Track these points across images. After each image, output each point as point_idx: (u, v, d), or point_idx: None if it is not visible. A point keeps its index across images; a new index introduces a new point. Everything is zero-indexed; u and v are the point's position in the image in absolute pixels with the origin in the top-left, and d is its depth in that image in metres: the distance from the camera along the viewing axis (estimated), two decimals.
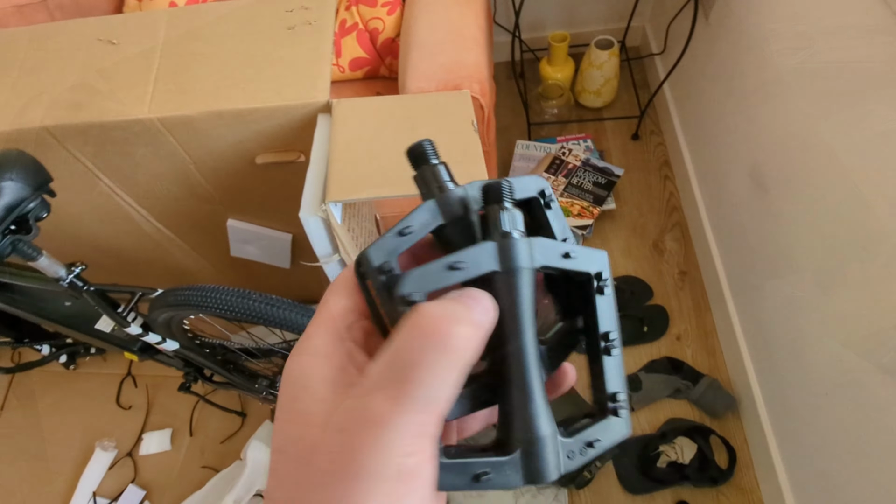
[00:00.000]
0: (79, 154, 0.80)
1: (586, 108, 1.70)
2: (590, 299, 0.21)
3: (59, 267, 0.74)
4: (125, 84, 0.76)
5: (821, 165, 0.90)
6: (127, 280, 1.22)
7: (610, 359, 0.21)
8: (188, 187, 0.90)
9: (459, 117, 0.72)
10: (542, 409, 0.19)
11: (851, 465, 0.88)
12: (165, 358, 0.99)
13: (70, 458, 1.27)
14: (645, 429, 1.21)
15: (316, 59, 0.77)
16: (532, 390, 0.19)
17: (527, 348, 0.19)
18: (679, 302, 1.36)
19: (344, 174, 0.66)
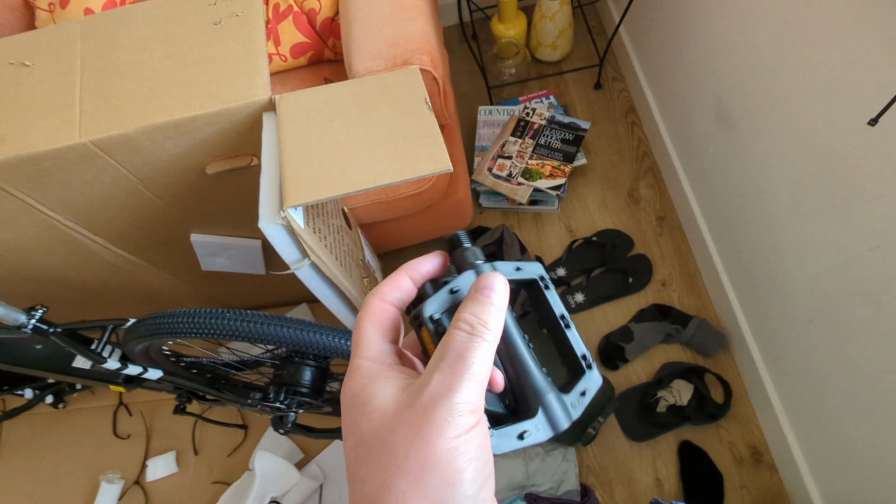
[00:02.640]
0: (14, 191, 0.75)
1: (545, 63, 1.65)
2: (541, 296, 0.30)
3: (17, 314, 0.70)
4: (48, 109, 0.71)
5: (785, 93, 0.88)
6: (101, 311, 1.18)
7: (570, 331, 0.29)
8: (141, 208, 0.85)
9: (411, 96, 0.69)
10: (543, 381, 0.26)
11: (840, 384, 0.90)
12: (153, 384, 0.96)
13: (76, 497, 1.25)
14: (641, 377, 1.23)
15: (249, 53, 0.71)
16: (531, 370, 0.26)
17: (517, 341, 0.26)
18: (660, 248, 1.36)
19: (299, 175, 0.62)
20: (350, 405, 0.23)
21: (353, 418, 0.23)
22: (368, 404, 0.23)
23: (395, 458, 0.21)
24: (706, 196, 1.26)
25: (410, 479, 0.20)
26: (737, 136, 1.05)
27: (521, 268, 0.29)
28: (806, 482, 1.02)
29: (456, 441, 0.20)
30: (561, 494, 1.09)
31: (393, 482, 0.20)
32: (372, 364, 0.24)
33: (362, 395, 0.23)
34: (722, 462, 1.13)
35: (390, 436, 0.21)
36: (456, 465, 0.20)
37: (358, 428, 0.22)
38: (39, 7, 1.17)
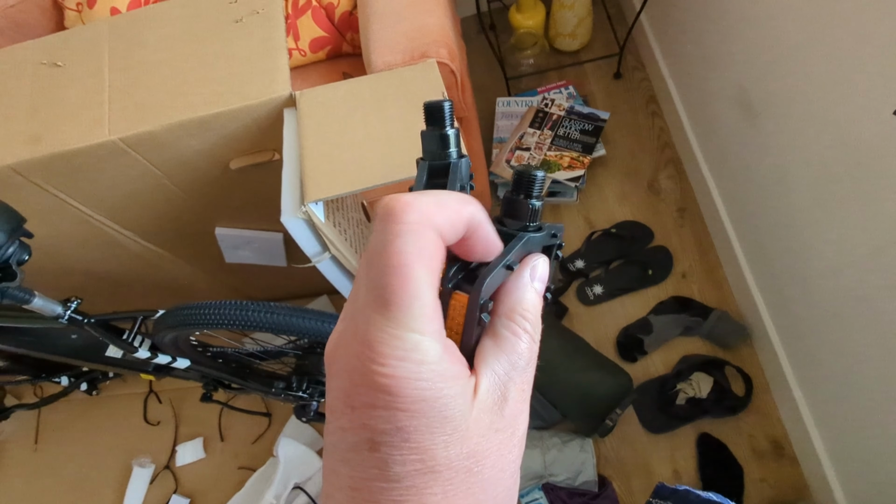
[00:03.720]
0: (49, 187, 0.78)
1: (563, 53, 1.63)
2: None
3: (54, 305, 0.73)
4: (79, 107, 0.73)
5: (809, 82, 0.86)
6: (129, 303, 1.22)
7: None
8: (168, 202, 0.88)
9: (429, 91, 0.69)
10: None
11: (865, 378, 0.89)
12: (181, 372, 1.00)
13: (111, 480, 1.31)
14: (660, 370, 1.22)
15: (270, 50, 0.73)
16: None
17: None
18: (681, 240, 1.35)
19: (320, 170, 0.64)
20: (417, 412, 0.16)
21: (418, 433, 0.16)
22: (448, 422, 0.17)
23: (478, 496, 0.17)
24: (728, 187, 1.23)
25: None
26: (759, 125, 1.03)
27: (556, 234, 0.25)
28: (828, 476, 1.01)
29: (518, 467, 0.19)
30: (578, 485, 1.10)
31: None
32: (442, 357, 0.17)
33: (438, 404, 0.17)
34: (742, 455, 1.12)
35: (476, 467, 0.17)
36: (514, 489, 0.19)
37: (427, 450, 0.16)
38: (68, 7, 1.21)
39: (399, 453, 0.16)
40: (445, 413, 0.17)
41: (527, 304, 0.20)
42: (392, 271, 0.16)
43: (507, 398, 0.18)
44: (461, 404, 0.17)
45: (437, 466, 0.16)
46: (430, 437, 0.16)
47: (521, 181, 0.21)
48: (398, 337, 0.16)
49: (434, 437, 0.16)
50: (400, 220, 0.17)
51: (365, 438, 0.17)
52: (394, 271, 0.16)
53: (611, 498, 1.11)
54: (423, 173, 0.22)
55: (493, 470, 0.17)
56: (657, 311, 1.25)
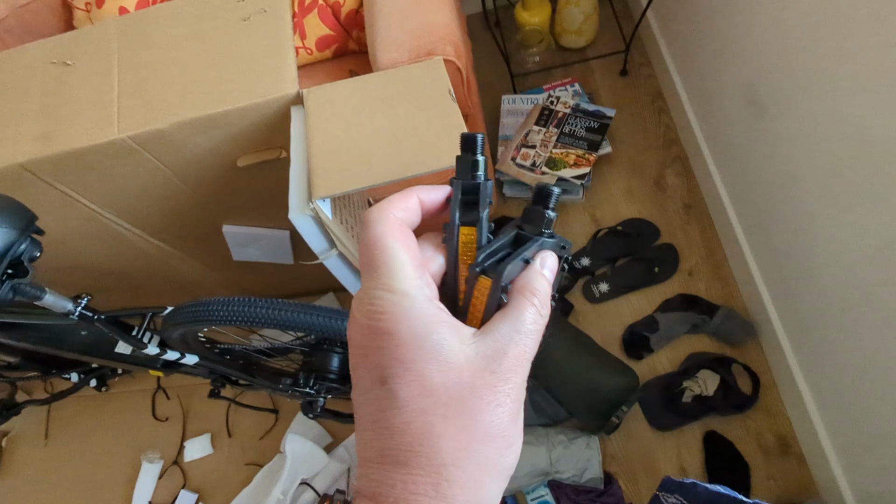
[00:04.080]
0: (59, 185, 0.79)
1: (569, 51, 1.63)
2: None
3: (65, 301, 0.74)
4: (89, 106, 0.74)
5: (818, 76, 0.86)
6: (138, 299, 1.23)
7: None
8: (176, 200, 0.89)
9: (435, 88, 0.69)
10: None
11: (874, 376, 0.88)
12: (189, 369, 1.00)
13: (120, 475, 1.32)
14: (667, 367, 1.22)
15: (277, 48, 0.73)
16: None
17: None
18: (687, 237, 1.34)
19: (327, 168, 0.64)
20: (412, 346, 0.21)
21: (416, 362, 0.21)
22: (440, 353, 0.21)
23: (475, 423, 0.20)
24: (735, 183, 1.23)
25: (492, 447, 0.21)
26: (767, 121, 1.02)
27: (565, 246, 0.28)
28: (836, 474, 1.00)
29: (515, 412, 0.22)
30: (584, 482, 1.10)
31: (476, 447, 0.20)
32: (427, 301, 0.22)
33: (431, 340, 0.21)
34: (748, 453, 1.12)
35: (470, 398, 0.21)
36: (512, 432, 0.22)
37: (424, 376, 0.20)
38: (77, 7, 1.22)
39: (402, 381, 0.20)
40: (437, 346, 0.21)
41: (535, 284, 0.24)
42: (372, 247, 0.22)
43: (506, 353, 0.22)
44: (452, 341, 0.21)
45: (435, 390, 0.20)
46: (424, 365, 0.21)
47: (540, 194, 0.26)
48: (388, 290, 0.21)
49: (428, 364, 0.21)
50: (368, 218, 0.23)
51: (377, 376, 0.21)
52: (373, 246, 0.22)
53: (616, 495, 1.11)
54: (457, 191, 0.26)
55: (486, 404, 0.21)
56: (663, 308, 1.25)
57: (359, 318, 0.22)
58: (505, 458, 0.21)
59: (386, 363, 0.21)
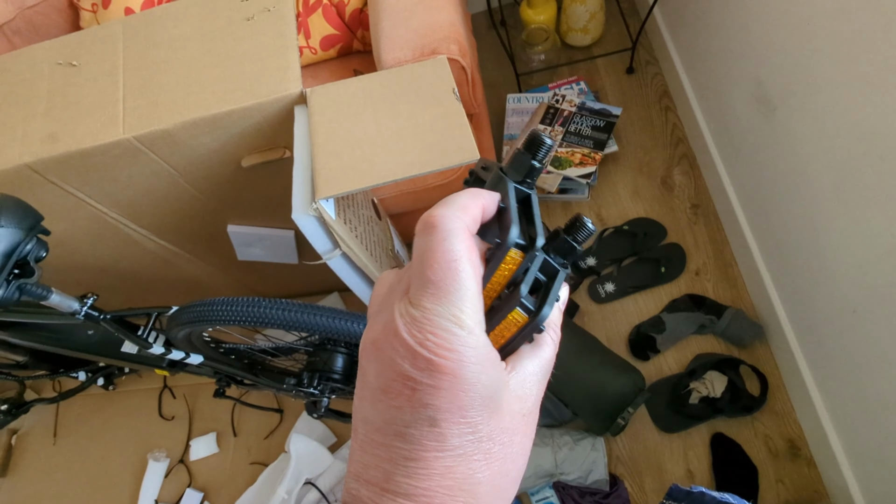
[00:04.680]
0: (66, 185, 0.79)
1: (575, 49, 1.62)
2: None
3: (71, 301, 0.75)
4: (95, 106, 0.74)
5: (828, 74, 0.84)
6: (144, 299, 1.24)
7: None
8: (181, 200, 0.89)
9: (440, 87, 0.69)
10: None
11: (885, 378, 0.87)
12: (195, 368, 1.01)
13: (127, 473, 1.33)
14: (673, 368, 1.21)
15: (281, 48, 0.73)
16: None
17: None
18: (694, 236, 1.33)
19: (330, 167, 0.64)
20: (474, 393, 0.20)
21: (473, 410, 0.20)
22: (497, 403, 0.21)
23: (508, 468, 0.21)
24: (744, 182, 1.21)
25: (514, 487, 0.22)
26: (777, 119, 1.01)
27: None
28: (846, 478, 0.99)
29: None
30: (589, 483, 1.10)
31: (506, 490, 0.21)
32: (489, 343, 0.21)
33: (492, 389, 0.21)
34: (757, 455, 1.11)
35: (510, 444, 0.21)
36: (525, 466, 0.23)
37: (477, 423, 0.20)
38: (83, 7, 1.22)
39: (457, 427, 0.20)
40: (490, 393, 0.20)
41: (556, 320, 0.24)
42: (444, 265, 0.20)
43: (532, 394, 0.22)
44: (500, 387, 0.21)
45: (483, 437, 0.20)
46: (479, 413, 0.20)
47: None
48: (458, 323, 0.20)
49: (482, 413, 0.20)
50: (443, 227, 0.21)
51: (426, 416, 0.20)
52: (446, 265, 0.20)
53: (622, 497, 1.10)
54: (512, 193, 0.24)
55: (519, 446, 0.21)
56: (670, 308, 1.24)
57: (412, 343, 0.19)
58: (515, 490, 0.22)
59: (442, 405, 0.19)
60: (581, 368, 1.12)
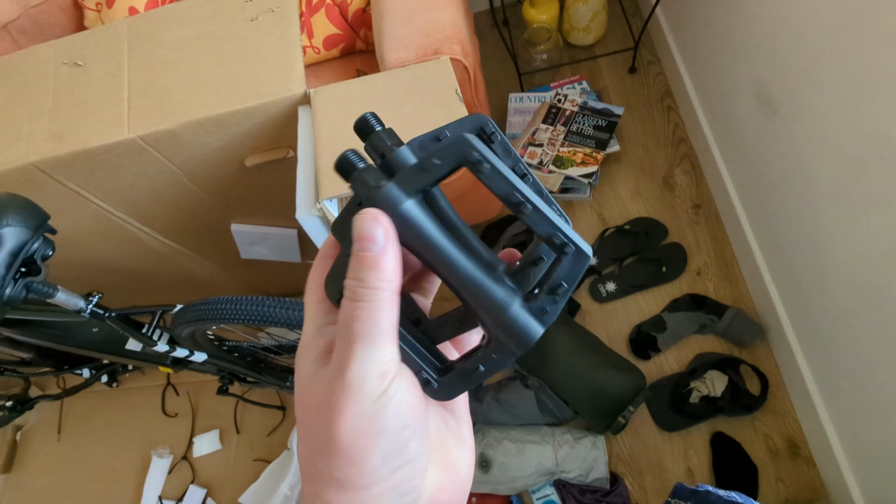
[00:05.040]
0: (71, 184, 0.80)
1: (577, 48, 1.62)
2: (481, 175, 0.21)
3: (77, 299, 0.75)
4: (100, 106, 0.75)
5: (831, 75, 0.84)
6: (147, 297, 1.25)
7: (527, 212, 0.21)
8: (185, 199, 0.90)
9: (442, 88, 0.69)
10: (495, 293, 0.21)
11: (886, 379, 0.87)
12: (198, 366, 1.02)
13: (131, 469, 1.34)
14: (674, 368, 1.21)
15: (285, 48, 0.74)
16: (478, 284, 0.21)
17: (453, 257, 0.21)
18: (696, 236, 1.33)
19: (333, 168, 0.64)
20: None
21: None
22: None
23: (315, 444, 0.20)
24: (745, 183, 1.21)
25: (322, 459, 0.20)
26: (779, 120, 1.01)
27: (440, 137, 0.23)
28: (846, 477, 0.99)
29: (357, 419, 0.19)
30: (590, 482, 1.10)
31: (312, 465, 0.21)
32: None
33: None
34: (757, 454, 1.11)
35: (312, 422, 0.21)
36: (359, 444, 0.19)
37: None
38: (87, 7, 1.23)
39: None
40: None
41: (349, 271, 0.22)
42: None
43: (328, 365, 0.22)
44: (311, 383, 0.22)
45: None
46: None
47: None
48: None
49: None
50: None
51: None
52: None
53: (622, 495, 1.11)
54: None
55: (320, 427, 0.21)
56: (671, 308, 1.24)
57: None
58: (350, 469, 0.21)
59: None
60: (582, 367, 1.12)
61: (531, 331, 0.20)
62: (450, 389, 0.22)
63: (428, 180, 0.21)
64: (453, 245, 0.21)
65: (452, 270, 0.21)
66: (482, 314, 0.21)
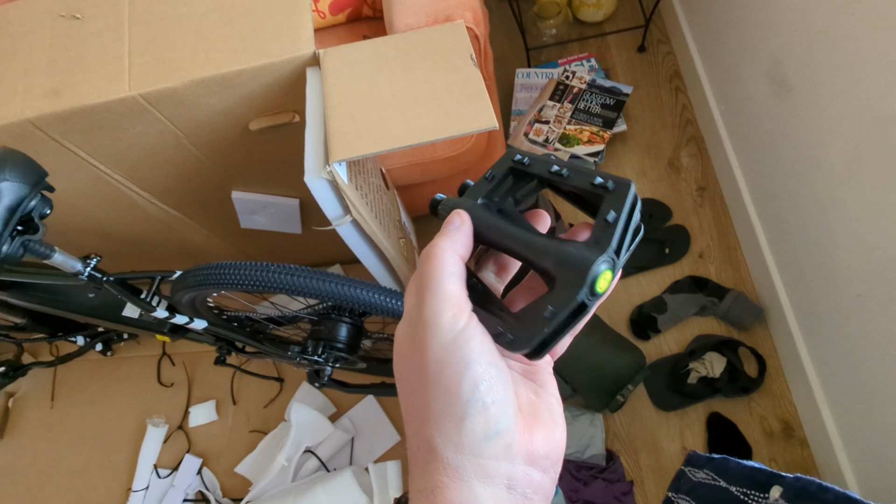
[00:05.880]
0: (68, 144, 0.77)
1: (587, 24, 1.59)
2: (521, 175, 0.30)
3: (74, 262, 0.73)
4: (99, 62, 0.72)
5: (848, 55, 0.83)
6: (145, 264, 1.22)
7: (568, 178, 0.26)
8: (186, 163, 0.87)
9: (456, 52, 0.67)
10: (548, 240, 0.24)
11: (885, 363, 0.88)
12: (196, 335, 1.00)
13: (126, 438, 1.34)
14: (673, 348, 1.22)
15: (293, 6, 0.71)
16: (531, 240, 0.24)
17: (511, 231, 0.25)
18: (699, 219, 1.33)
19: (344, 130, 0.62)
20: None
21: None
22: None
23: (411, 386, 0.23)
24: (752, 166, 1.20)
25: (420, 397, 0.23)
26: (792, 101, 1.00)
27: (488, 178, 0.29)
28: (839, 459, 1.01)
29: (441, 350, 0.22)
30: (587, 458, 1.11)
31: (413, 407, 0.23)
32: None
33: None
34: (752, 435, 1.12)
35: (405, 369, 0.24)
36: (447, 374, 0.22)
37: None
38: None
39: None
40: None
41: None
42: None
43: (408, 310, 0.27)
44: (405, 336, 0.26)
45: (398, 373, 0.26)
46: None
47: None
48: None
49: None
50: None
51: None
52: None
53: (618, 472, 1.12)
54: None
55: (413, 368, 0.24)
56: (673, 290, 1.24)
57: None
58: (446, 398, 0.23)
59: None
60: (582, 346, 1.13)
61: (586, 258, 0.21)
62: (525, 338, 0.22)
63: (487, 187, 0.28)
64: (510, 225, 0.25)
65: (511, 240, 0.25)
66: (541, 261, 0.23)
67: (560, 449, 0.24)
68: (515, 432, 0.22)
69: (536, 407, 0.24)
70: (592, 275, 0.21)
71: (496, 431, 0.21)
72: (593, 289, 0.21)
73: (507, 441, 0.22)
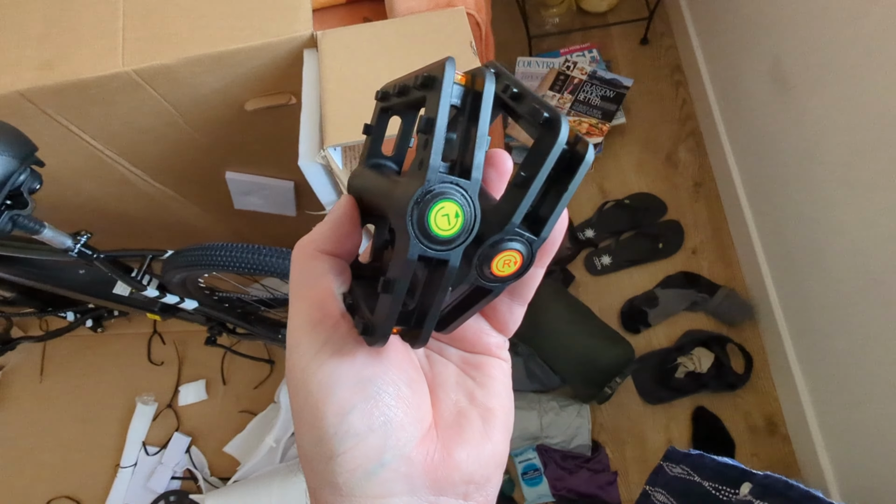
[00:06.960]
0: (60, 118, 0.76)
1: (590, 14, 1.57)
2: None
3: (64, 238, 0.73)
4: (93, 35, 0.70)
5: (848, 54, 0.83)
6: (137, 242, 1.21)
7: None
8: (180, 141, 0.86)
9: (456, 39, 0.66)
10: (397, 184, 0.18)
11: (867, 361, 0.89)
12: (187, 315, 1.00)
13: (115, 415, 1.34)
14: (662, 343, 1.23)
15: None
16: (384, 188, 0.20)
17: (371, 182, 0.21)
18: (694, 215, 1.33)
19: (340, 114, 0.61)
20: None
21: None
22: None
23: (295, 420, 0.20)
24: (749, 163, 1.21)
25: (298, 434, 0.20)
26: (792, 99, 0.99)
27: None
28: (819, 456, 1.03)
29: (300, 379, 0.19)
30: (572, 448, 1.13)
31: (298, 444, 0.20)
32: None
33: None
34: (736, 430, 1.14)
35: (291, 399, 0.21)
36: (310, 404, 0.18)
37: None
38: None
39: None
40: None
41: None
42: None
43: None
44: None
45: None
46: None
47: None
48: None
49: None
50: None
51: None
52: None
53: (602, 463, 1.14)
54: None
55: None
56: (664, 284, 1.25)
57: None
58: (312, 428, 0.20)
59: None
60: (572, 337, 1.13)
61: (406, 191, 0.15)
62: (381, 325, 0.17)
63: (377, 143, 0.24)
64: (378, 176, 0.21)
65: (374, 196, 0.20)
66: (388, 213, 0.17)
67: (492, 467, 0.20)
68: (415, 457, 0.18)
69: (464, 416, 0.20)
70: (417, 212, 0.14)
71: (381, 464, 0.18)
72: (428, 231, 0.14)
73: (403, 471, 0.18)
